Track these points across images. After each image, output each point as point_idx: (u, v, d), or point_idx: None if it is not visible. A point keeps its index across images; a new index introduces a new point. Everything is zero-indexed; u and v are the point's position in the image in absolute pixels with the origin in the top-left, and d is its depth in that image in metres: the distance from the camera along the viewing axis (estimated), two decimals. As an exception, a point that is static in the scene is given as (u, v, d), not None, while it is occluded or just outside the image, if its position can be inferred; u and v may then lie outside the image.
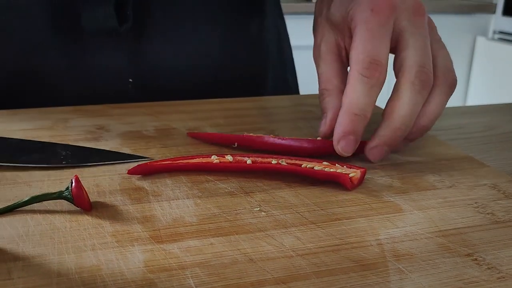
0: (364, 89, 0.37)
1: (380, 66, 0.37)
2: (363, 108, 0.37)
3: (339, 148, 0.38)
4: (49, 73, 0.56)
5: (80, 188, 0.31)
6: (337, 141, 0.38)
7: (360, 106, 0.37)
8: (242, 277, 0.25)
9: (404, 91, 0.37)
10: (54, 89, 0.57)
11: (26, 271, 0.25)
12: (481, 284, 0.25)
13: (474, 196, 0.35)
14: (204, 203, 0.33)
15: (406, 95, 0.37)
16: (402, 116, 0.37)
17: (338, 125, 0.38)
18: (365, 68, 0.37)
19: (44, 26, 0.54)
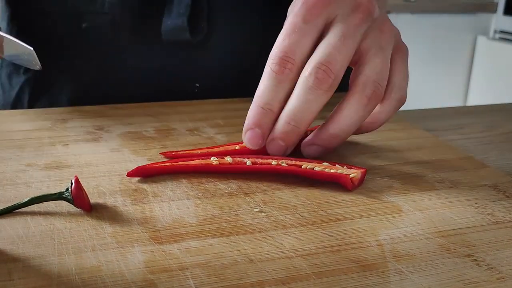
0: (271, 84, 0.37)
1: (291, 63, 0.36)
2: (268, 103, 0.37)
3: (245, 140, 0.38)
4: (127, 72, 0.60)
5: (80, 189, 0.31)
6: (244, 133, 0.38)
7: (265, 100, 0.37)
8: (242, 278, 0.25)
9: (352, 103, 0.37)
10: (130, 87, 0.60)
11: (26, 272, 0.25)
12: (481, 284, 0.25)
13: (475, 196, 0.35)
14: (204, 204, 0.33)
15: (353, 108, 0.37)
16: (345, 125, 0.37)
17: (247, 117, 0.38)
18: (274, 63, 0.37)
19: (127, 31, 0.58)
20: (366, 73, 0.37)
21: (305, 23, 0.37)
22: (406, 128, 0.49)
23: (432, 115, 0.58)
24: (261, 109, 0.37)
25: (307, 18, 0.37)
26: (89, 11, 0.58)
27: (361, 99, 0.37)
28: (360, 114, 0.37)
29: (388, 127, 0.49)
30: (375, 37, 0.39)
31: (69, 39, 0.59)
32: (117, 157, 0.40)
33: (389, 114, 0.41)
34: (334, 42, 0.37)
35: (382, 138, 0.46)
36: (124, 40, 0.58)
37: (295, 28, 0.37)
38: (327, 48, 0.36)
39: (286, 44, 0.37)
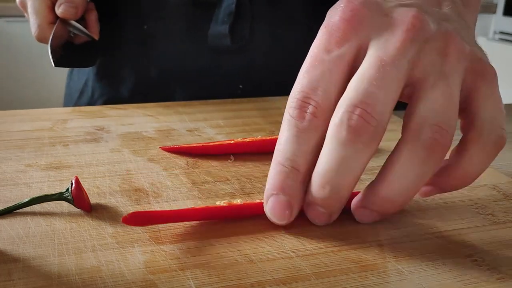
0: (291, 134, 0.28)
1: (314, 106, 0.28)
2: (290, 159, 0.28)
3: (267, 210, 0.29)
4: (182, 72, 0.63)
5: (80, 189, 0.31)
6: (265, 201, 0.30)
7: (286, 155, 0.28)
8: (242, 278, 0.25)
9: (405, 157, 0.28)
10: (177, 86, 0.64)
11: (27, 272, 0.25)
12: (481, 284, 0.25)
13: (474, 197, 0.35)
14: (204, 204, 0.33)
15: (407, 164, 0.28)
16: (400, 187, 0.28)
17: (267, 180, 0.29)
18: (293, 108, 0.29)
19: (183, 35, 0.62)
20: (421, 113, 0.28)
21: (327, 53, 0.29)
22: (406, 128, 0.49)
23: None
24: (282, 167, 0.29)
25: (329, 46, 0.29)
26: (150, 15, 0.63)
27: (416, 152, 0.27)
28: (418, 171, 0.27)
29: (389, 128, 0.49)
30: (432, 62, 0.28)
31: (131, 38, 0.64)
32: (117, 158, 0.40)
33: (484, 164, 0.30)
34: (371, 75, 0.27)
35: (383, 139, 0.46)
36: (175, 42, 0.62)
37: (316, 61, 0.29)
38: (362, 83, 0.27)
39: (305, 83, 0.29)
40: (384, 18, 0.29)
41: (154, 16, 0.63)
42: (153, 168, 0.38)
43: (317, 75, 0.29)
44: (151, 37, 0.63)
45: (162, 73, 0.64)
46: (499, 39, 2.62)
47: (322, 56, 0.29)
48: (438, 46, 0.29)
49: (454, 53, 0.29)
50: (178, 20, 0.62)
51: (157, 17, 0.63)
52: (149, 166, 0.38)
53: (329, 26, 0.29)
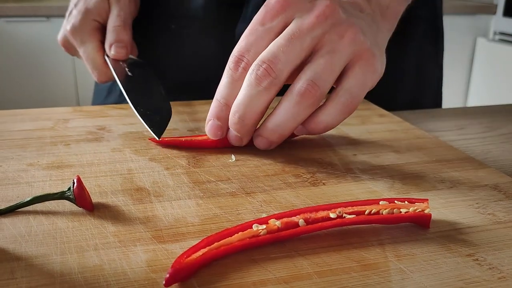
0: (228, 81, 0.39)
1: (246, 63, 0.39)
2: (225, 97, 0.40)
3: (206, 130, 0.41)
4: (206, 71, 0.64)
5: (82, 188, 0.31)
6: (206, 124, 0.41)
7: (222, 95, 0.40)
8: (244, 277, 0.25)
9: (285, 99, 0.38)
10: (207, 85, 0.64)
11: (29, 270, 0.25)
12: (482, 284, 0.25)
13: (475, 196, 0.35)
14: (205, 203, 0.33)
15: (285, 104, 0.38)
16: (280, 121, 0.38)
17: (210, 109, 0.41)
18: (231, 62, 0.39)
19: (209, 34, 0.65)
20: (305, 71, 0.38)
21: (262, 25, 0.39)
22: (407, 128, 0.49)
23: (432, 116, 0.58)
24: (218, 102, 0.40)
25: (264, 20, 0.39)
26: (178, 14, 0.64)
27: (292, 96, 0.38)
28: (292, 110, 0.38)
29: (389, 128, 0.49)
30: (330, 40, 0.38)
31: (160, 37, 0.66)
32: (119, 157, 0.40)
33: (334, 117, 0.39)
34: (280, 42, 0.38)
35: (383, 139, 0.46)
36: (202, 41, 0.64)
37: (252, 30, 0.39)
38: (272, 47, 0.38)
39: (242, 44, 0.39)
40: (308, 4, 0.39)
41: (181, 15, 0.64)
42: (154, 167, 0.38)
43: (252, 40, 0.39)
44: (178, 36, 0.65)
45: (187, 73, 0.65)
46: (499, 40, 2.62)
47: (257, 27, 0.39)
48: (339, 30, 0.38)
49: (349, 37, 0.38)
50: (205, 19, 0.63)
51: (185, 16, 0.64)
52: (151, 166, 0.39)
53: (266, 5, 0.39)
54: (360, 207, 0.31)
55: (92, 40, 0.58)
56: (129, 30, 0.58)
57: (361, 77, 0.39)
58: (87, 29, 0.58)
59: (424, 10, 0.69)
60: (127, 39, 0.57)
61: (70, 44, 0.60)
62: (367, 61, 0.39)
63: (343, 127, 0.49)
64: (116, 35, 0.56)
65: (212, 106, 0.40)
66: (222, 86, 0.40)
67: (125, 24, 0.57)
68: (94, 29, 0.58)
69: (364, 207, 0.31)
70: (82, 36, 0.58)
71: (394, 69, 0.68)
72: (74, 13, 0.59)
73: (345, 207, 0.30)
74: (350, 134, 0.47)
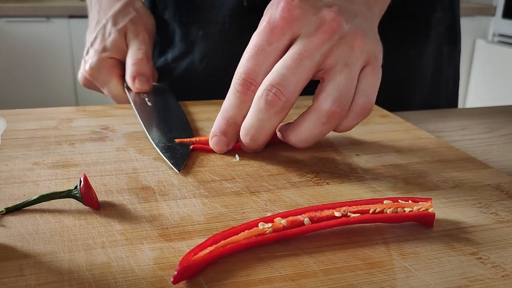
0: (236, 102, 0.39)
1: (254, 86, 0.38)
2: (233, 117, 0.40)
3: (211, 144, 0.41)
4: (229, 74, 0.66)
5: (89, 187, 0.31)
6: (210, 138, 0.41)
7: (230, 114, 0.40)
8: (250, 275, 0.26)
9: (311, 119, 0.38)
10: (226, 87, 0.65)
11: (38, 268, 0.25)
12: (486, 282, 0.26)
13: (478, 196, 0.35)
14: (211, 202, 0.33)
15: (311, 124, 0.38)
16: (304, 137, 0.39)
17: (214, 125, 0.41)
18: (239, 84, 0.38)
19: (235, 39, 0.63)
20: (328, 90, 0.37)
21: (269, 45, 0.38)
22: (409, 129, 0.49)
23: (433, 116, 0.58)
24: (226, 120, 0.40)
25: (270, 39, 0.38)
26: (206, 20, 0.66)
27: (320, 118, 0.37)
28: (318, 130, 0.38)
29: (391, 128, 0.49)
30: (341, 53, 0.38)
31: (188, 43, 0.67)
32: (123, 156, 0.40)
33: (353, 122, 0.39)
34: (289, 64, 0.37)
35: (386, 139, 0.46)
36: (228, 45, 0.65)
37: (259, 49, 0.38)
38: (281, 69, 0.37)
39: (250, 66, 0.38)
40: (312, 18, 0.38)
41: (208, 21, 0.65)
42: (159, 166, 0.39)
43: (259, 61, 0.38)
44: (204, 43, 0.66)
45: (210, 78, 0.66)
46: (498, 42, 2.63)
47: (264, 46, 0.38)
48: (348, 41, 0.38)
49: (358, 47, 0.38)
50: (232, 24, 0.64)
51: (212, 22, 0.65)
52: (155, 165, 0.39)
53: (271, 22, 0.38)
54: (364, 206, 0.31)
55: (113, 76, 0.58)
56: (151, 64, 0.58)
57: (372, 78, 0.39)
58: (105, 68, 0.58)
59: (444, 13, 0.69)
60: (149, 72, 0.57)
61: (91, 83, 0.61)
62: (375, 61, 0.39)
63: (346, 127, 0.49)
64: (139, 68, 0.56)
65: (218, 123, 0.40)
66: (229, 106, 0.39)
67: (147, 57, 0.58)
68: (112, 67, 0.59)
69: (368, 206, 0.31)
70: (102, 75, 0.58)
71: (413, 72, 0.69)
72: (91, 53, 0.59)
73: (349, 206, 0.31)
74: (353, 135, 0.47)
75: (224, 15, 0.65)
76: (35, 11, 2.23)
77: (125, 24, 0.59)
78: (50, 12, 2.24)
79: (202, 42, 0.67)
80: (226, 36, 0.66)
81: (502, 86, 2.49)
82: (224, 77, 0.67)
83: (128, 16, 0.60)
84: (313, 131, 0.38)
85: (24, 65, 2.32)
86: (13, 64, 2.31)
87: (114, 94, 0.59)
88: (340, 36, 0.38)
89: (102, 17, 0.61)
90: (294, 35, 0.38)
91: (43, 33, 2.28)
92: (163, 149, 0.41)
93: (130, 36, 0.59)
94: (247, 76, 0.38)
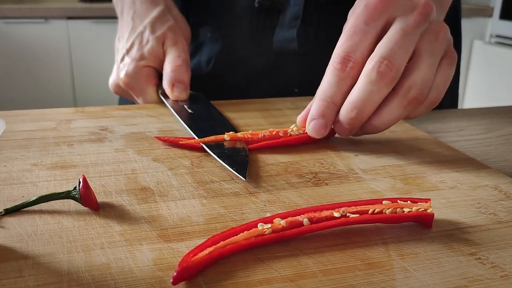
0: (335, 80, 0.40)
1: (353, 62, 0.40)
2: (332, 96, 0.41)
3: (309, 129, 0.42)
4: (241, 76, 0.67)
5: (88, 187, 0.31)
6: (308, 123, 0.42)
7: (328, 94, 0.41)
8: (250, 275, 0.26)
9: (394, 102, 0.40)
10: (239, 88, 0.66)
11: (37, 269, 0.25)
12: (485, 282, 0.26)
13: (476, 197, 0.35)
14: (210, 203, 0.33)
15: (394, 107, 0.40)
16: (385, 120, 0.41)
17: (311, 109, 0.42)
18: (337, 62, 0.40)
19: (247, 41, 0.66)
20: (414, 78, 0.40)
21: (366, 24, 0.40)
22: (407, 130, 0.49)
23: (431, 117, 0.59)
24: (325, 102, 0.41)
25: (368, 20, 0.40)
26: (216, 22, 0.67)
27: (402, 101, 0.40)
28: (399, 113, 0.40)
29: (390, 129, 0.49)
30: (429, 41, 0.40)
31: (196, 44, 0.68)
32: (122, 157, 0.40)
33: (421, 112, 0.43)
34: (396, 38, 0.39)
35: (384, 140, 0.46)
36: (240, 47, 0.66)
37: (357, 29, 0.40)
38: (389, 43, 0.39)
39: (349, 44, 0.40)
40: (407, 2, 0.41)
41: (218, 22, 0.66)
42: (158, 167, 0.38)
43: (357, 40, 0.40)
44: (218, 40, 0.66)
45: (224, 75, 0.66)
46: (495, 43, 2.63)
47: (361, 26, 0.40)
48: (434, 29, 0.41)
49: (442, 37, 0.41)
50: (244, 25, 0.64)
51: (222, 24, 0.66)
52: (154, 166, 0.39)
53: (368, 5, 0.41)
54: (363, 206, 0.31)
55: (149, 85, 0.57)
56: (189, 72, 0.57)
57: (447, 73, 0.42)
58: (142, 76, 0.57)
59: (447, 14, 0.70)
60: (188, 80, 0.56)
61: (123, 91, 0.60)
62: (451, 57, 0.42)
63: (344, 128, 0.49)
64: (178, 75, 0.55)
65: (316, 105, 0.41)
66: (327, 85, 0.41)
67: (187, 65, 0.57)
68: (149, 75, 0.58)
69: (367, 207, 0.31)
70: (139, 84, 0.57)
71: None
72: (127, 61, 0.58)
73: (348, 207, 0.31)
74: (351, 135, 0.47)
75: (234, 17, 0.65)
76: (33, 12, 2.22)
77: (163, 32, 0.58)
78: (48, 14, 2.24)
79: (210, 44, 0.67)
80: (235, 37, 0.66)
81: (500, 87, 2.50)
82: (232, 78, 0.68)
83: (166, 24, 0.59)
84: (395, 114, 0.40)
85: (23, 66, 2.32)
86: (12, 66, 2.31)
87: (149, 102, 0.58)
88: (430, 21, 0.41)
89: (138, 23, 0.59)
90: (390, 17, 0.41)
91: (41, 34, 2.28)
92: (221, 156, 0.40)
93: (168, 44, 0.58)
94: (345, 54, 0.40)
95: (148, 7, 0.60)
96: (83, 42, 2.33)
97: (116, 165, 0.39)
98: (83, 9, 2.27)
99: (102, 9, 2.29)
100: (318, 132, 0.41)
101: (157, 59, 0.58)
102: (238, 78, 0.67)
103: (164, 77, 0.56)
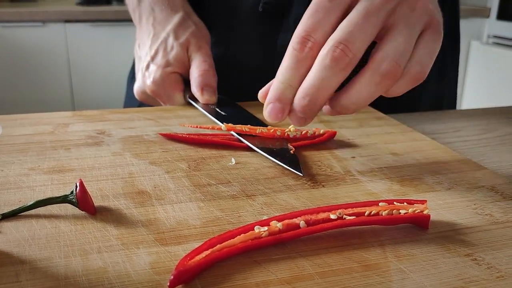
0: (292, 62, 0.37)
1: (312, 42, 0.37)
2: (289, 79, 0.37)
3: (266, 114, 0.38)
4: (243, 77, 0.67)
5: (85, 192, 0.32)
6: (265, 107, 0.38)
7: (285, 76, 0.37)
8: (247, 278, 0.26)
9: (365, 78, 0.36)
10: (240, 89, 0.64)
11: (34, 273, 0.25)
12: (481, 283, 0.26)
13: (473, 197, 0.35)
14: (207, 206, 0.33)
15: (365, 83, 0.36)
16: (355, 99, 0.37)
17: (268, 93, 0.39)
18: (296, 42, 0.37)
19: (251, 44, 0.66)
20: (386, 50, 0.36)
21: (330, 1, 0.37)
22: (404, 131, 0.50)
23: (428, 118, 0.59)
24: (281, 84, 0.37)
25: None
26: (219, 26, 0.67)
27: (374, 76, 0.36)
28: (371, 90, 0.36)
29: (387, 131, 0.50)
30: (403, 14, 0.37)
31: None
32: (119, 161, 0.40)
33: (402, 88, 0.38)
34: (356, 20, 0.36)
35: (381, 141, 0.47)
36: (244, 50, 0.65)
37: (320, 6, 0.37)
38: (348, 26, 0.36)
39: (309, 23, 0.37)
40: None
41: (224, 25, 0.66)
42: (155, 171, 0.39)
43: (319, 18, 0.37)
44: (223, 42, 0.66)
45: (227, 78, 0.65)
46: (492, 43, 2.64)
47: (325, 3, 0.37)
48: (411, 3, 0.37)
49: (420, 9, 0.37)
50: (248, 29, 0.64)
51: (227, 27, 0.66)
52: (151, 169, 0.39)
53: None
54: (360, 208, 0.31)
55: (176, 91, 0.58)
56: (216, 76, 0.58)
57: (431, 46, 0.38)
58: (169, 83, 0.58)
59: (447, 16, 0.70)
60: (215, 84, 0.57)
61: (148, 97, 0.60)
62: (435, 29, 0.38)
63: (341, 130, 0.49)
64: (206, 79, 0.56)
65: (273, 88, 0.38)
66: (284, 68, 0.38)
67: (213, 69, 0.57)
68: (176, 81, 0.58)
69: (364, 209, 0.31)
70: (166, 90, 0.58)
71: None
72: (153, 68, 0.58)
73: (345, 209, 0.31)
74: (348, 137, 0.48)
75: (238, 21, 0.65)
76: (31, 15, 2.22)
77: (186, 38, 0.58)
78: (46, 17, 2.23)
79: (214, 48, 0.67)
80: (239, 41, 0.66)
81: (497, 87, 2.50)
82: (236, 81, 0.68)
83: (188, 30, 0.59)
84: (366, 91, 0.36)
85: (20, 70, 2.32)
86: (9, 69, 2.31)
87: (176, 105, 0.58)
88: None
89: (160, 30, 0.60)
90: None
91: (39, 37, 2.28)
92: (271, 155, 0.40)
93: (192, 50, 0.58)
94: (305, 33, 0.37)
95: (168, 14, 0.60)
96: (81, 45, 2.33)
97: (113, 168, 0.39)
98: (80, 13, 2.27)
99: (99, 12, 2.29)
100: (275, 117, 0.38)
101: (183, 65, 0.58)
102: (242, 81, 0.67)
103: (192, 82, 0.56)
